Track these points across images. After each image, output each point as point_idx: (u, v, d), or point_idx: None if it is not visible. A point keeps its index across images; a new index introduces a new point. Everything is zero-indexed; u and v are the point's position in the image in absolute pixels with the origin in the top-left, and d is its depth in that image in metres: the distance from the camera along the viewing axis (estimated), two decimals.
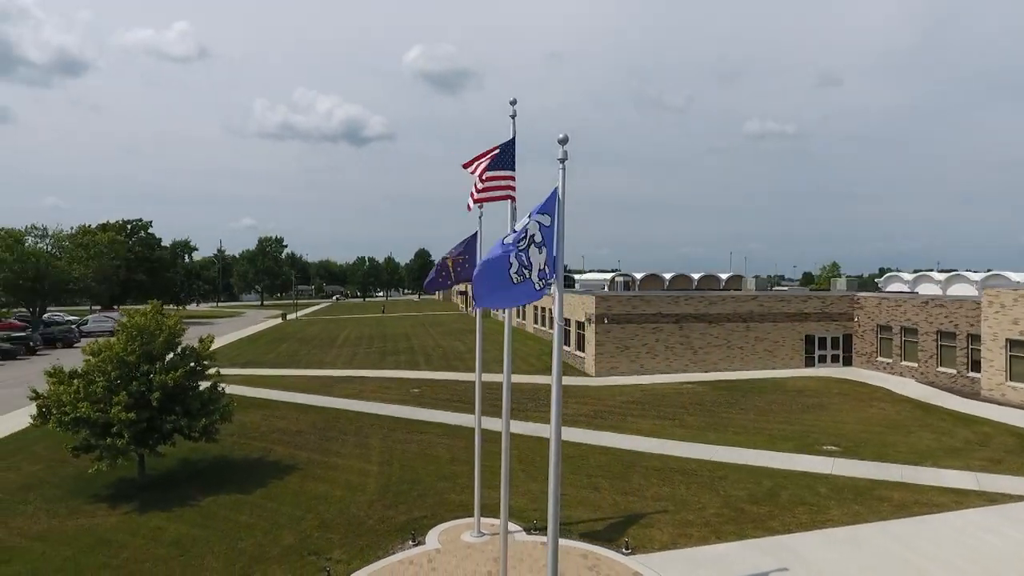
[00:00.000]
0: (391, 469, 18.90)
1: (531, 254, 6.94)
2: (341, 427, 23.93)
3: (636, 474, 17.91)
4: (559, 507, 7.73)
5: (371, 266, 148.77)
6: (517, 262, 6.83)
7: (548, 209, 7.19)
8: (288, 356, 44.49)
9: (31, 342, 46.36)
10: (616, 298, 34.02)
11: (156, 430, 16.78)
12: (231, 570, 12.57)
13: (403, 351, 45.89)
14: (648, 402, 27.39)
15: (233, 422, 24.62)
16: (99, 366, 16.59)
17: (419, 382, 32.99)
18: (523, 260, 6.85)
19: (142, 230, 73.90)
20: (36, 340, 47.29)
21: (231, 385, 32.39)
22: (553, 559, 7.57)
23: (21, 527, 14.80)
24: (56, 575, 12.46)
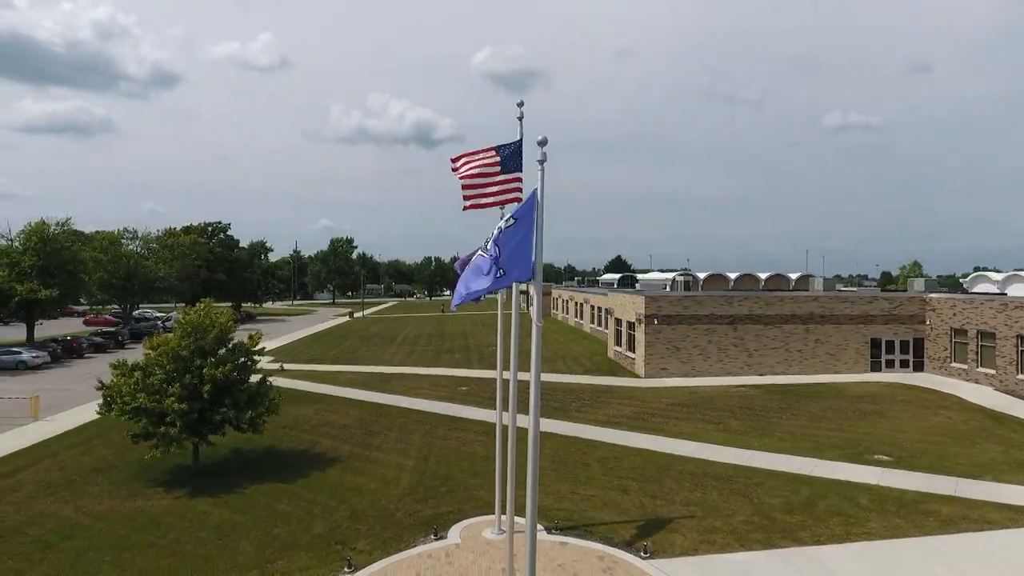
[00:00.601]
0: (426, 464, 19.37)
1: (488, 255, 7.13)
2: (386, 422, 24.67)
3: (669, 478, 17.62)
4: (536, 505, 7.79)
5: (437, 265, 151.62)
6: (480, 262, 7.04)
7: (519, 213, 7.32)
8: (349, 353, 46.10)
9: (119, 336, 50.11)
10: (666, 298, 33.38)
11: (207, 421, 17.88)
12: (262, 555, 13.29)
13: (458, 349, 46.67)
14: (694, 405, 26.79)
15: (288, 415, 26.00)
16: (157, 360, 17.86)
17: (469, 380, 33.51)
18: (486, 260, 7.05)
19: (221, 232, 78.43)
20: (124, 335, 51.08)
21: (293, 380, 34.09)
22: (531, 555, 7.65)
23: (86, 506, 16.14)
24: (109, 552, 13.54)
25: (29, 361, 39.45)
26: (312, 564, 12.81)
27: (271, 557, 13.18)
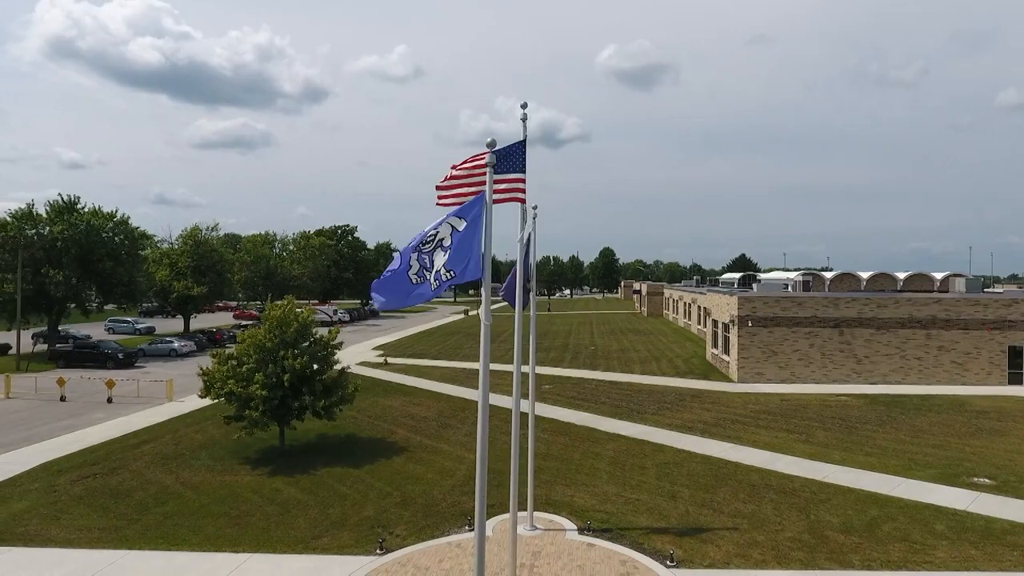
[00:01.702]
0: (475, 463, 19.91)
1: (435, 256, 7.36)
2: (463, 416, 25.59)
3: (726, 487, 16.84)
4: (484, 506, 8.01)
5: (556, 265, 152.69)
6: (418, 263, 7.31)
7: (465, 213, 7.55)
8: (452, 349, 47.95)
9: None
10: (762, 299, 31.45)
11: (288, 407, 19.69)
12: (311, 531, 14.50)
13: (555, 348, 46.94)
14: (782, 413, 25.13)
15: (376, 405, 27.83)
16: (246, 350, 19.93)
17: (554, 379, 33.74)
18: (424, 262, 7.31)
19: (349, 234, 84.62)
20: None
21: (392, 373, 36.23)
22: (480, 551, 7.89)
23: (185, 477, 18.41)
24: (190, 517, 15.42)
25: (179, 349, 45.11)
26: (350, 543, 13.79)
27: (318, 534, 14.35)
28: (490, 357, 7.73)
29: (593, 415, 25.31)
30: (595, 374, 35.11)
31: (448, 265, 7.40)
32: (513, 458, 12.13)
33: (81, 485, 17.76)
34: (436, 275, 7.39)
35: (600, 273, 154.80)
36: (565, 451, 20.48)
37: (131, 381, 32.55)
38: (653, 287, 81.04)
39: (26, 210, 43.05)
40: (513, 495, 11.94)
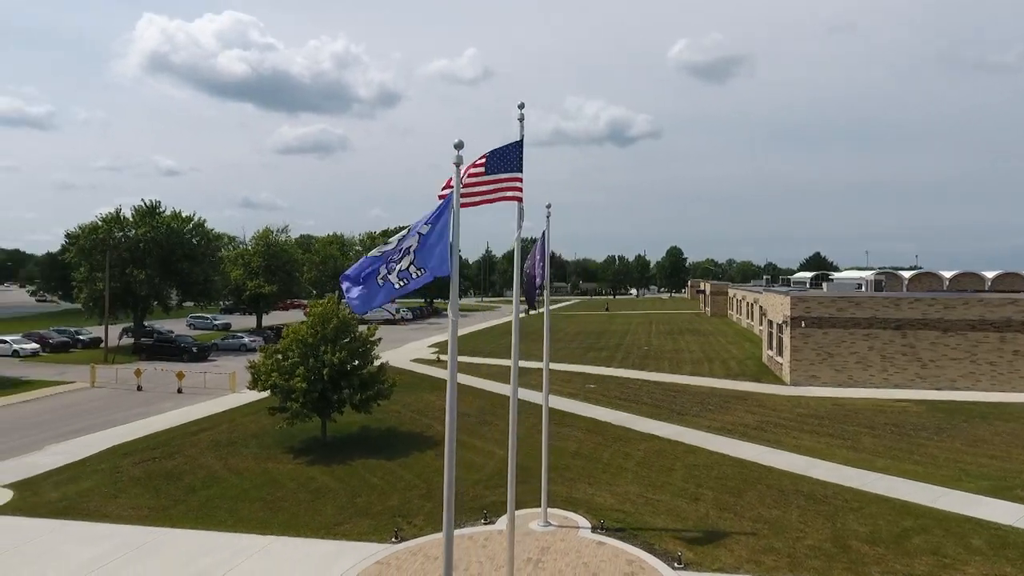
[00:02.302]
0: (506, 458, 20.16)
1: (402, 262, 7.69)
2: (501, 413, 25.90)
3: (754, 491, 16.40)
4: (452, 509, 8.26)
5: (621, 264, 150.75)
6: (385, 269, 7.65)
7: (432, 219, 7.84)
8: (504, 347, 48.37)
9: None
10: (816, 299, 30.11)
11: (327, 400, 20.63)
12: (336, 518, 15.20)
13: (608, 348, 46.58)
14: (831, 417, 24.07)
15: (420, 400, 28.60)
16: (290, 345, 21.01)
17: (600, 378, 33.58)
18: (392, 268, 7.65)
19: None
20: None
21: (442, 369, 37.06)
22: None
23: (232, 463, 19.63)
24: (229, 500, 16.47)
25: (248, 344, 47.73)
26: (369, 531, 14.38)
27: (341, 520, 15.04)
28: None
29: (632, 415, 25.09)
30: (643, 374, 34.68)
31: (417, 264, 7.72)
32: (511, 458, 12.33)
33: (141, 468, 19.27)
34: (402, 274, 7.70)
35: (667, 272, 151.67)
36: (595, 450, 20.46)
37: (201, 373, 34.78)
38: (717, 287, 78.83)
39: (114, 214, 46.70)
40: (511, 494, 12.14)
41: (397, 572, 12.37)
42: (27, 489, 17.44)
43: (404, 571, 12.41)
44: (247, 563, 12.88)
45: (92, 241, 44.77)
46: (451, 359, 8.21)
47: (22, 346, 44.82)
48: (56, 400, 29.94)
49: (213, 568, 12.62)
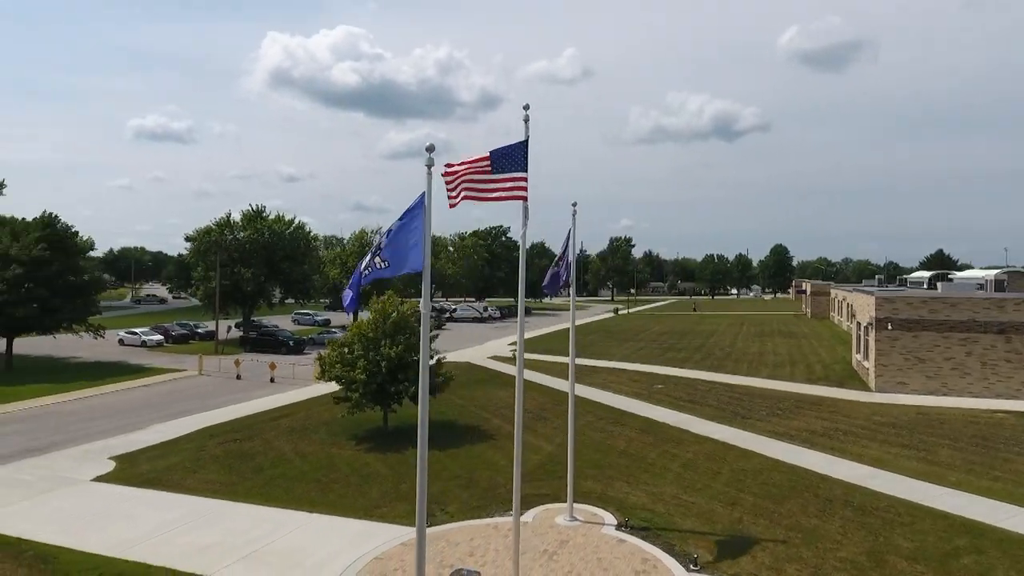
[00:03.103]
0: (561, 451, 20.38)
1: (374, 258, 8.30)
2: (559, 410, 26.16)
3: (798, 499, 15.71)
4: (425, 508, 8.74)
5: (720, 263, 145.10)
6: (365, 263, 8.29)
7: (404, 214, 8.38)
8: (585, 346, 48.35)
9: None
10: (904, 299, 27.83)
11: (386, 392, 21.82)
12: (377, 501, 16.17)
13: (687, 348, 45.36)
14: (910, 427, 22.32)
15: (483, 396, 29.39)
16: (352, 339, 22.41)
17: (670, 379, 32.91)
18: (371, 262, 8.27)
19: (502, 235, 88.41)
20: None
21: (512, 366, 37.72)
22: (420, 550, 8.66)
23: (300, 447, 21.25)
24: (288, 480, 17.88)
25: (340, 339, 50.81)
26: (403, 515, 15.21)
27: (381, 503, 16.00)
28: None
29: (692, 417, 24.53)
30: (716, 376, 33.60)
31: (383, 256, 8.29)
32: (516, 456, 12.63)
33: (222, 447, 21.31)
34: (371, 266, 8.30)
35: (770, 272, 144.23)
36: (643, 450, 20.28)
37: (293, 365, 37.59)
38: (819, 287, 74.17)
39: (224, 219, 51.28)
40: (516, 490, 12.45)
41: None
42: (126, 461, 19.82)
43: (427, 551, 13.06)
44: (288, 536, 14.08)
45: (206, 243, 49.41)
46: (423, 349, 8.70)
47: (150, 337, 50.23)
48: (168, 385, 33.49)
49: (258, 538, 13.91)
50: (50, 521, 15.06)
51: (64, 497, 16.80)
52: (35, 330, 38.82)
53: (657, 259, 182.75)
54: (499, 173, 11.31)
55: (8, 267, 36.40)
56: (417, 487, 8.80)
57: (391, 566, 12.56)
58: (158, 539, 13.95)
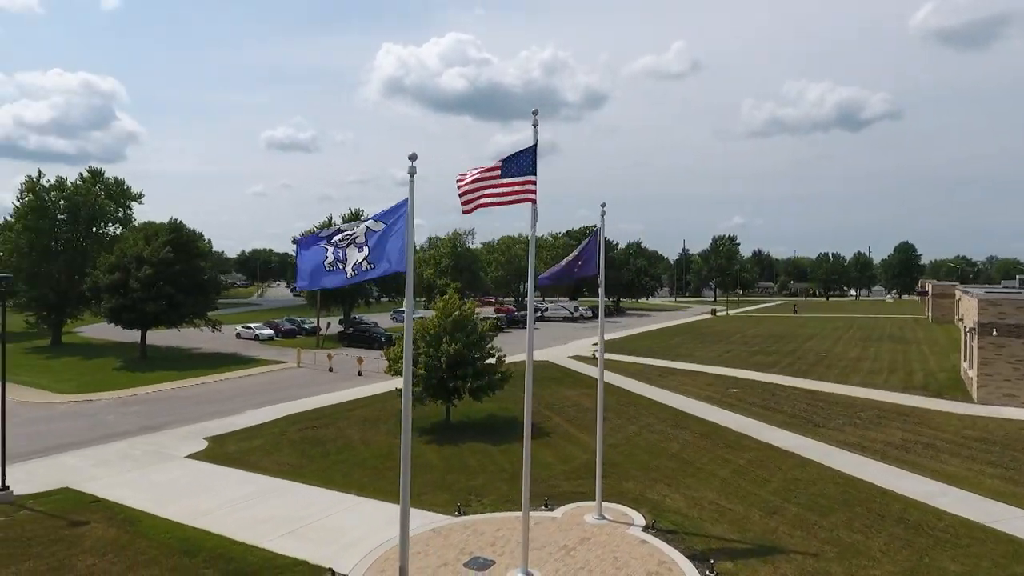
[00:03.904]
0: (612, 451, 20.44)
1: (348, 252, 8.95)
2: (622, 411, 26.10)
3: (845, 513, 14.91)
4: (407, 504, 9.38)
5: (836, 262, 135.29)
6: (333, 256, 8.98)
7: (383, 217, 9.03)
8: (668, 348, 47.43)
9: (499, 323, 62.08)
10: (1014, 302, 25.02)
11: (446, 387, 22.84)
12: (423, 489, 17.02)
13: (778, 353, 43.19)
14: (1005, 444, 20.22)
15: (554, 394, 29.80)
16: (416, 336, 23.62)
17: (748, 383, 31.67)
18: (339, 255, 8.95)
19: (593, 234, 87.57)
20: (503, 321, 63.01)
21: (589, 366, 37.78)
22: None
23: (367, 437, 22.68)
24: (349, 466, 19.26)
25: None
26: (441, 504, 16.01)
27: (425, 491, 16.88)
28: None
29: (759, 422, 23.63)
30: (800, 381, 31.90)
31: (369, 259, 9.00)
32: (526, 452, 12.97)
33: (300, 433, 23.22)
34: (356, 266, 9.02)
35: (894, 272, 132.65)
36: (696, 454, 19.90)
37: (378, 359, 39.77)
38: (941, 288, 67.62)
39: (326, 221, 55.02)
40: (525, 486, 12.79)
41: (443, 540, 13.82)
42: (216, 442, 22.14)
43: (449, 540, 13.81)
44: (334, 516, 15.31)
45: None
46: (407, 348, 9.35)
47: (262, 332, 54.91)
48: (269, 376, 36.64)
49: (308, 516, 15.24)
50: (144, 490, 17.27)
51: (161, 471, 19.14)
52: (163, 324, 43.72)
53: (767, 258, 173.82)
54: (508, 177, 11.77)
55: (141, 267, 41.30)
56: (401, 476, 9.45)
57: (415, 549, 13.33)
58: (225, 511, 15.64)
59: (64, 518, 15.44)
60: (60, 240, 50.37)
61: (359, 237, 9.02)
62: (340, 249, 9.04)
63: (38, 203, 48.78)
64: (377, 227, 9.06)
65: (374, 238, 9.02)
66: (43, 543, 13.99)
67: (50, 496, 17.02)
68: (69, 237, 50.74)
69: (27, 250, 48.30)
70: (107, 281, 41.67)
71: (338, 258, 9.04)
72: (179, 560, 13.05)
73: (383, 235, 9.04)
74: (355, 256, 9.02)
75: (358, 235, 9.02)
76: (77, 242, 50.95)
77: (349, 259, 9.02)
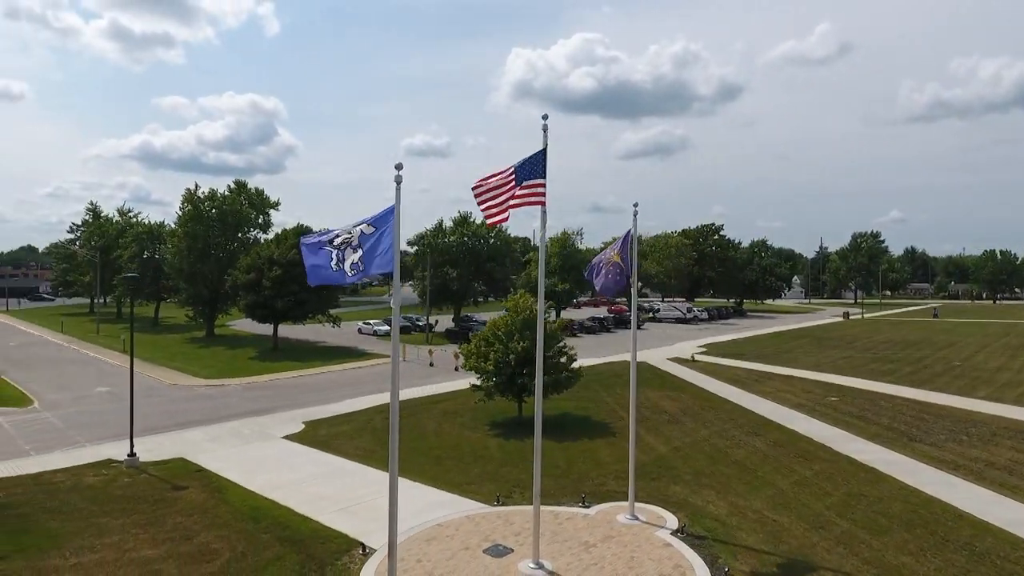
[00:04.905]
0: (671, 455, 20.17)
1: (346, 253, 9.84)
2: (699, 415, 25.40)
3: (900, 534, 13.78)
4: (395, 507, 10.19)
5: (1004, 260, 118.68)
6: (336, 257, 9.93)
7: (375, 222, 9.87)
8: (779, 352, 44.84)
9: (605, 323, 61.79)
10: None
11: (513, 383, 23.59)
12: (472, 478, 17.96)
13: (902, 361, 39.30)
14: None
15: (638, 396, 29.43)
16: (488, 334, 24.59)
17: (852, 392, 29.38)
18: (339, 256, 9.88)
19: (715, 233, 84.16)
20: (609, 321, 62.61)
21: (686, 368, 36.83)
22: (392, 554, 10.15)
23: (441, 428, 23.92)
24: (416, 453, 20.54)
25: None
26: (485, 493, 16.75)
27: (474, 481, 17.74)
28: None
29: (847, 433, 22.05)
30: (913, 392, 29.04)
31: (363, 260, 9.91)
32: (536, 449, 13.29)
33: (384, 422, 24.96)
34: (353, 266, 9.94)
35: None
36: (760, 462, 19.08)
37: None
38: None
39: (437, 224, 57.87)
40: (537, 482, 13.14)
41: (474, 526, 14.58)
42: (311, 426, 24.49)
43: (480, 526, 14.55)
44: (384, 497, 16.54)
45: (422, 246, 56.36)
46: (394, 344, 10.16)
47: (380, 328, 58.84)
48: (374, 369, 39.46)
49: (362, 496, 16.66)
50: (238, 463, 19.67)
51: (258, 448, 21.63)
52: (290, 319, 48.43)
53: (922, 256, 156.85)
54: (521, 181, 12.26)
55: (272, 268, 46.09)
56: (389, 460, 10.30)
57: (445, 532, 14.24)
58: (296, 486, 17.48)
59: (171, 483, 18.06)
60: (212, 244, 57.35)
61: (354, 240, 9.96)
62: (340, 251, 10.05)
63: (195, 212, 55.91)
64: (369, 231, 9.97)
65: (366, 241, 9.93)
66: (148, 502, 16.54)
67: (167, 464, 19.91)
68: (219, 241, 57.61)
69: (187, 253, 55.51)
70: (244, 280, 46.93)
71: (339, 259, 10.05)
72: (246, 525, 14.91)
73: (374, 238, 9.93)
74: (351, 257, 9.98)
75: (353, 238, 9.97)
76: (226, 245, 57.75)
77: (346, 260, 9.99)
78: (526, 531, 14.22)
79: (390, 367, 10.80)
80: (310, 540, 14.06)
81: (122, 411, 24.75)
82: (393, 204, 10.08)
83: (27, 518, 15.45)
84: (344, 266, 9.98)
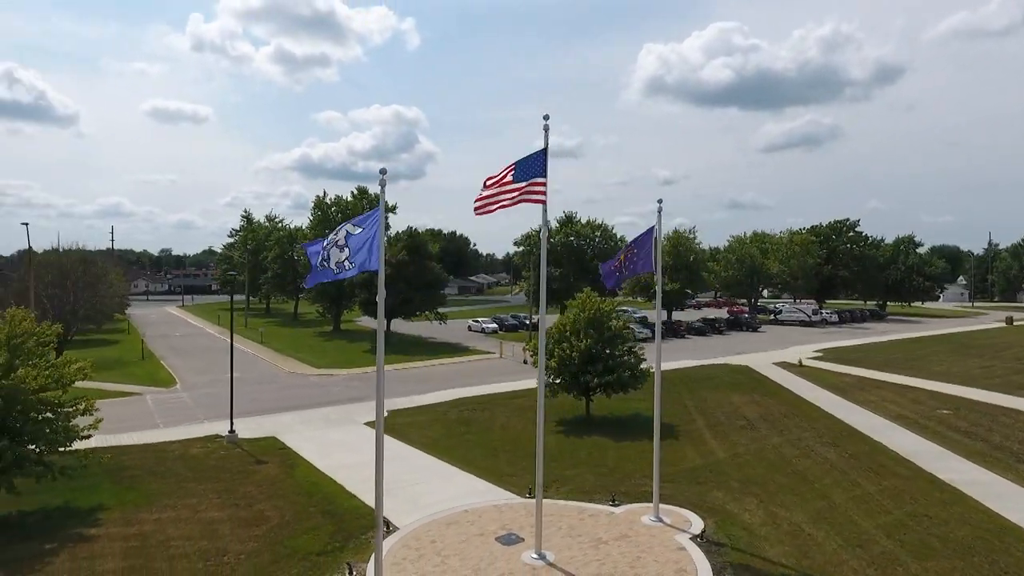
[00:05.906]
0: (728, 460, 19.42)
1: (332, 252, 10.73)
2: (778, 422, 24.03)
3: (953, 560, 12.44)
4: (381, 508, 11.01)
5: None
6: (322, 256, 10.86)
7: (361, 222, 10.70)
8: (908, 360, 40.66)
9: (717, 324, 59.16)
10: None
11: (577, 381, 23.75)
12: (516, 470, 18.50)
13: None
14: None
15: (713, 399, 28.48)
16: (554, 331, 24.92)
17: (972, 405, 26.17)
18: (327, 255, 10.79)
19: (851, 230, 77.00)
20: (721, 323, 59.83)
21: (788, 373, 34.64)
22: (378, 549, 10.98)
23: (508, 422, 24.60)
24: (473, 445, 21.39)
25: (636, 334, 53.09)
26: (522, 485, 17.20)
27: (514, 473, 18.26)
28: None
29: (941, 449, 19.93)
30: None
31: (350, 259, 10.80)
32: (539, 446, 13.44)
33: (457, 414, 26.24)
34: (339, 264, 10.83)
35: None
36: (821, 473, 17.85)
37: None
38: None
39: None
40: (539, 480, 13.33)
41: (497, 514, 15.15)
42: (392, 415, 26.10)
43: (502, 516, 15.08)
44: (426, 482, 17.61)
45: (527, 246, 57.49)
46: (379, 340, 10.98)
47: (487, 325, 60.84)
48: (472, 364, 41.00)
49: (407, 480, 17.77)
50: (317, 445, 21.66)
51: (338, 432, 23.63)
52: (399, 316, 51.57)
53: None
54: (520, 181, 12.65)
55: None
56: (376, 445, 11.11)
57: (468, 518, 14.93)
58: (355, 468, 18.98)
59: (256, 457, 20.37)
60: None
61: (340, 240, 10.90)
62: (327, 250, 11.01)
63: (323, 216, 61.21)
64: (355, 230, 10.86)
65: (353, 240, 10.83)
66: (231, 472, 18.84)
67: (259, 441, 22.40)
68: None
69: None
70: (359, 279, 50.73)
71: (325, 258, 11.02)
72: (300, 498, 16.58)
73: (360, 238, 10.81)
74: (338, 256, 10.93)
75: (339, 238, 10.91)
76: None
77: (332, 258, 10.95)
78: (545, 523, 14.52)
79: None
80: (347, 515, 15.38)
81: (243, 394, 28.03)
82: (379, 205, 10.92)
83: (136, 479, 18.25)
84: (330, 264, 10.91)
